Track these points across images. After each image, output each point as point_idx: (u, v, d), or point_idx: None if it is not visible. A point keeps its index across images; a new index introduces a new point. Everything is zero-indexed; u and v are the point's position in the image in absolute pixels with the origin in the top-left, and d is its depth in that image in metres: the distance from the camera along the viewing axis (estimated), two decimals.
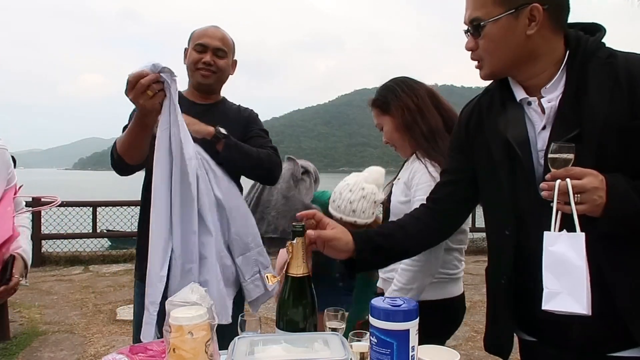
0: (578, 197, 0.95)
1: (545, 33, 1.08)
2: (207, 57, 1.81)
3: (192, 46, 1.84)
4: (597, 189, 0.95)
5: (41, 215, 6.63)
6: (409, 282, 1.53)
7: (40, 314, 4.45)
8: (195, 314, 0.93)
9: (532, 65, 1.10)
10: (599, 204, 0.95)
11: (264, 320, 3.65)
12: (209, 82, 1.85)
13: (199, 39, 1.83)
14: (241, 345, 0.98)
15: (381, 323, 0.91)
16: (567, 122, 1.05)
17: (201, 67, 1.82)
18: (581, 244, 0.96)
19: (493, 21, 1.07)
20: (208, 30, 1.85)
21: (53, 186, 50.21)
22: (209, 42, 1.82)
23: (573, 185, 0.94)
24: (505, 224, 1.16)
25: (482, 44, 1.11)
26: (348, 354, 0.92)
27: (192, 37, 1.86)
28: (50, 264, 6.55)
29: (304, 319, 1.11)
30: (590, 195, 0.95)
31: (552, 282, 0.98)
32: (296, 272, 1.12)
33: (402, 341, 0.90)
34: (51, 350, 3.59)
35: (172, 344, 0.92)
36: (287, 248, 1.13)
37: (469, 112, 1.29)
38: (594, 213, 0.96)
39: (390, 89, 1.73)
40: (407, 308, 0.91)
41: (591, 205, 0.95)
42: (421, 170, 1.60)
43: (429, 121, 1.65)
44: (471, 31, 1.12)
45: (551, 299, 0.98)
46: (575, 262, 0.96)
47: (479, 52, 1.13)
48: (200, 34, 1.85)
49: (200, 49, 1.81)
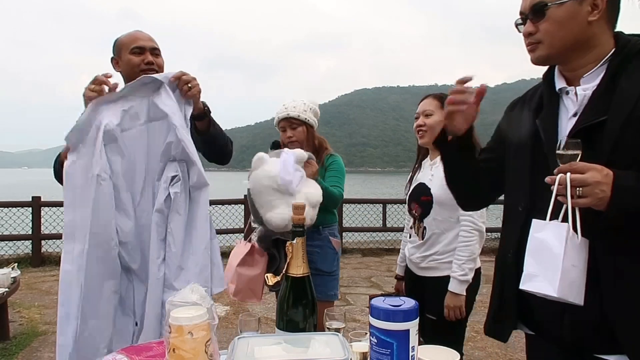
0: (580, 191, 1.00)
1: (602, 24, 1.14)
2: (148, 58, 1.85)
3: (126, 52, 1.85)
4: (600, 183, 0.98)
5: (41, 215, 6.63)
6: (473, 253, 1.93)
7: (40, 314, 4.45)
8: (195, 314, 0.93)
9: (584, 54, 1.15)
10: (602, 197, 0.98)
11: (264, 320, 3.66)
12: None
13: (132, 43, 1.85)
14: (241, 345, 0.98)
15: (381, 323, 0.91)
16: (596, 109, 1.10)
17: (145, 68, 1.84)
18: (563, 233, 1.02)
19: (558, 4, 1.12)
20: (137, 34, 1.88)
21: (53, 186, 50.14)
22: (144, 43, 1.86)
23: (574, 179, 1.00)
24: (519, 201, 1.24)
25: (544, 26, 1.15)
26: (348, 354, 0.92)
27: (122, 45, 1.87)
28: (50, 264, 6.55)
29: (304, 319, 1.11)
30: (592, 189, 0.98)
31: (532, 266, 1.07)
32: (296, 272, 1.13)
33: (402, 341, 0.90)
34: (51, 350, 3.59)
35: (172, 344, 0.92)
36: (287, 248, 1.14)
37: (514, 101, 1.40)
38: (598, 206, 1.00)
39: None
40: (407, 308, 0.91)
41: (593, 199, 0.99)
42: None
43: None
44: (531, 16, 1.17)
45: (528, 281, 1.07)
46: (555, 249, 1.02)
47: (537, 35, 1.17)
48: (130, 39, 1.87)
49: (139, 51, 1.84)
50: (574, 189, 1.00)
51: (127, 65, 1.85)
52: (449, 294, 1.94)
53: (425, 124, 2.05)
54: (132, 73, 1.84)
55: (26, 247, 6.87)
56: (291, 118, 2.52)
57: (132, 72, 1.84)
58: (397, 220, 7.75)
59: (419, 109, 2.10)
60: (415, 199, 2.09)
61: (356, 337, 1.08)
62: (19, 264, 4.79)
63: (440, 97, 2.04)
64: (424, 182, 2.07)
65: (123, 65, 1.87)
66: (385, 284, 5.68)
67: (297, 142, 2.52)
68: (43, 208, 6.70)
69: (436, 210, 2.00)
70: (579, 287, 1.03)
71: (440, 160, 1.47)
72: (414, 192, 2.12)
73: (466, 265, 1.92)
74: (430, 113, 2.04)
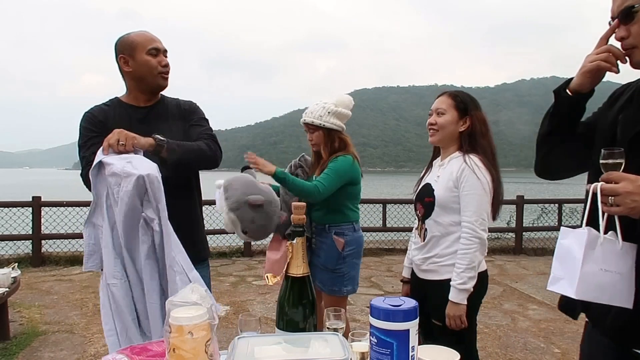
0: (612, 200, 1.05)
1: None
2: (164, 60, 1.87)
3: (142, 52, 1.84)
4: (631, 194, 1.03)
5: (41, 215, 6.63)
6: (472, 262, 1.87)
7: (40, 313, 4.45)
8: (195, 314, 0.93)
9: None
10: (634, 207, 1.03)
11: (264, 320, 3.66)
12: (166, 84, 1.93)
13: (149, 44, 1.85)
14: (241, 345, 0.98)
15: (381, 323, 0.91)
16: None
17: (162, 71, 1.87)
18: (583, 239, 1.07)
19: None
20: (150, 35, 1.89)
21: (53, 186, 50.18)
22: (160, 45, 1.88)
23: (605, 188, 1.06)
24: (590, 181, 1.21)
25: (635, 29, 1.12)
26: (348, 354, 0.92)
27: (136, 44, 1.85)
28: (50, 264, 6.55)
29: (304, 319, 1.11)
30: (623, 199, 1.03)
31: (557, 269, 1.14)
32: (296, 272, 1.12)
33: (402, 341, 0.90)
34: (51, 350, 3.59)
35: (172, 344, 0.92)
36: (287, 248, 1.14)
37: (622, 88, 1.34)
38: (633, 215, 1.04)
39: (471, 98, 2.05)
40: (407, 308, 0.91)
41: (625, 208, 1.04)
42: (471, 174, 1.90)
43: (493, 143, 2.01)
44: (622, 19, 1.13)
45: (553, 283, 1.14)
46: (576, 254, 1.08)
47: (630, 40, 1.14)
48: (146, 39, 1.86)
49: (155, 52, 1.85)
50: (606, 197, 1.05)
51: (144, 66, 1.85)
52: (449, 303, 1.89)
53: (437, 122, 2.02)
54: (148, 74, 1.86)
55: (26, 247, 6.87)
56: (307, 123, 2.67)
57: (150, 73, 1.86)
58: (397, 220, 7.75)
59: (433, 106, 2.07)
60: (420, 200, 2.05)
61: (356, 337, 1.08)
62: (19, 264, 4.79)
63: (456, 96, 2.02)
64: (430, 182, 2.03)
65: (136, 65, 1.86)
66: (385, 284, 5.68)
67: (316, 145, 2.69)
68: (43, 208, 6.70)
69: (437, 212, 1.96)
70: (620, 290, 1.07)
71: (551, 113, 1.38)
72: (420, 192, 2.09)
73: (465, 274, 1.86)
74: (443, 112, 2.01)
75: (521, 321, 4.39)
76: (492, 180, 1.91)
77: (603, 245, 1.08)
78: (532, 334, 4.05)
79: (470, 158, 1.92)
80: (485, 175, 1.89)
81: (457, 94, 2.05)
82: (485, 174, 1.89)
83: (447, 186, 1.93)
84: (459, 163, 1.93)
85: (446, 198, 1.92)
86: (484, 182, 1.88)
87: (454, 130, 2.00)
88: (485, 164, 1.92)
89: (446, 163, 2.01)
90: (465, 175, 1.89)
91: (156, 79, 1.88)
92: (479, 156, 1.93)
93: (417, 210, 2.09)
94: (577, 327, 4.10)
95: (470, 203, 1.88)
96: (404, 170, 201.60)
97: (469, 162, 1.90)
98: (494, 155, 1.99)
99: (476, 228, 1.88)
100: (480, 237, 1.88)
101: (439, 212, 1.95)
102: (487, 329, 4.12)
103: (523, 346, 3.79)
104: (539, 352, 3.68)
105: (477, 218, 1.88)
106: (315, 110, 2.65)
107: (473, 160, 1.91)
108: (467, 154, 1.95)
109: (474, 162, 1.90)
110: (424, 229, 2.02)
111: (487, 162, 1.93)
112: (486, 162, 1.92)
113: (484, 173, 1.89)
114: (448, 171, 1.96)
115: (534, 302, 5.00)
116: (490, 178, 1.90)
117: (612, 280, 1.07)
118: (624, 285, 1.07)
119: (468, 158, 1.92)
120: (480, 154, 1.94)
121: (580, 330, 1.40)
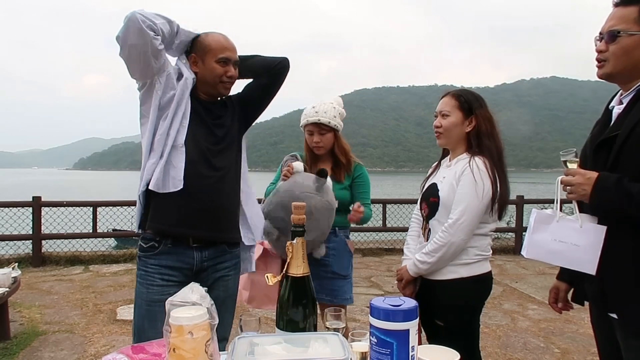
0: (569, 189, 1.41)
1: None
2: (232, 71, 1.88)
3: (211, 59, 1.85)
4: (581, 184, 1.37)
5: (41, 215, 6.63)
6: (436, 251, 1.88)
7: (41, 313, 4.45)
8: (195, 314, 0.93)
9: (637, 78, 1.41)
10: (583, 194, 1.37)
11: (264, 320, 3.66)
12: (227, 94, 1.95)
13: (221, 52, 1.85)
14: (241, 345, 0.98)
15: (381, 323, 0.91)
16: (615, 126, 1.41)
17: (226, 81, 1.88)
18: (535, 216, 1.52)
19: (629, 34, 1.38)
20: (226, 43, 1.87)
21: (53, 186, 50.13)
22: (232, 55, 1.88)
23: (563, 180, 1.43)
24: None
25: (614, 49, 1.41)
26: (348, 354, 0.92)
27: (209, 49, 1.85)
28: (50, 264, 6.55)
29: (303, 319, 1.11)
30: (575, 188, 1.39)
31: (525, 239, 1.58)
32: (296, 272, 1.13)
33: (402, 341, 0.90)
34: (51, 350, 3.60)
35: (172, 344, 0.92)
36: (287, 248, 1.14)
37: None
38: (584, 200, 1.39)
39: (476, 96, 2.02)
40: (407, 308, 0.91)
41: (578, 195, 1.39)
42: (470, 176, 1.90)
43: (499, 142, 1.99)
44: (606, 37, 1.42)
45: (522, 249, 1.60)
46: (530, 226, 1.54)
47: (606, 54, 1.43)
48: (220, 46, 1.86)
49: (225, 62, 1.86)
50: (565, 187, 1.42)
51: (210, 73, 1.86)
52: (403, 268, 2.01)
53: (442, 125, 1.99)
54: (211, 81, 1.87)
55: (27, 247, 6.87)
56: (321, 124, 2.44)
57: (213, 80, 1.87)
58: (397, 220, 7.74)
59: (437, 108, 2.05)
60: (426, 199, 2.04)
61: (356, 337, 1.08)
62: (19, 263, 4.79)
63: (459, 96, 1.99)
64: (437, 182, 2.01)
65: (203, 69, 1.87)
66: (385, 284, 5.68)
67: (324, 148, 2.49)
68: (43, 208, 6.70)
69: (441, 212, 1.93)
70: (579, 258, 1.40)
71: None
72: (426, 191, 2.07)
73: (425, 256, 1.90)
74: (447, 114, 1.98)
75: (521, 321, 4.39)
76: (491, 185, 1.86)
77: (560, 222, 1.46)
78: (532, 334, 4.05)
79: (474, 160, 1.90)
80: (484, 180, 1.85)
81: (460, 93, 2.01)
82: (485, 179, 1.85)
83: (450, 187, 1.92)
84: (463, 164, 1.92)
85: (450, 199, 1.90)
86: (479, 187, 1.84)
87: (460, 132, 1.98)
88: (488, 168, 1.88)
89: (453, 164, 1.99)
90: (464, 175, 1.88)
91: (217, 87, 1.89)
92: (483, 158, 1.90)
93: (422, 210, 2.07)
94: (577, 327, 4.08)
95: (460, 202, 1.86)
96: (404, 170, 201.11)
97: (471, 164, 1.88)
98: (500, 156, 1.95)
99: (455, 231, 1.85)
100: (451, 242, 1.85)
101: (443, 213, 1.93)
102: (487, 328, 4.13)
103: (523, 346, 3.79)
104: (539, 351, 3.68)
105: (459, 217, 1.84)
106: (329, 110, 2.46)
107: (476, 163, 1.88)
108: (473, 155, 1.92)
109: (476, 165, 1.87)
110: (427, 229, 2.01)
111: (492, 164, 1.89)
112: (490, 165, 1.89)
113: (483, 177, 1.85)
114: (453, 172, 1.94)
115: (534, 302, 5.00)
116: (489, 183, 1.86)
117: (567, 249, 1.42)
118: (583, 255, 1.39)
119: (472, 160, 1.90)
120: (485, 156, 1.91)
121: (580, 330, 1.43)
